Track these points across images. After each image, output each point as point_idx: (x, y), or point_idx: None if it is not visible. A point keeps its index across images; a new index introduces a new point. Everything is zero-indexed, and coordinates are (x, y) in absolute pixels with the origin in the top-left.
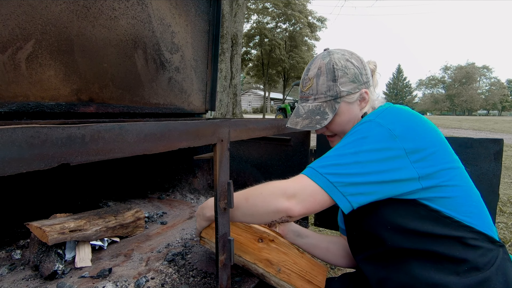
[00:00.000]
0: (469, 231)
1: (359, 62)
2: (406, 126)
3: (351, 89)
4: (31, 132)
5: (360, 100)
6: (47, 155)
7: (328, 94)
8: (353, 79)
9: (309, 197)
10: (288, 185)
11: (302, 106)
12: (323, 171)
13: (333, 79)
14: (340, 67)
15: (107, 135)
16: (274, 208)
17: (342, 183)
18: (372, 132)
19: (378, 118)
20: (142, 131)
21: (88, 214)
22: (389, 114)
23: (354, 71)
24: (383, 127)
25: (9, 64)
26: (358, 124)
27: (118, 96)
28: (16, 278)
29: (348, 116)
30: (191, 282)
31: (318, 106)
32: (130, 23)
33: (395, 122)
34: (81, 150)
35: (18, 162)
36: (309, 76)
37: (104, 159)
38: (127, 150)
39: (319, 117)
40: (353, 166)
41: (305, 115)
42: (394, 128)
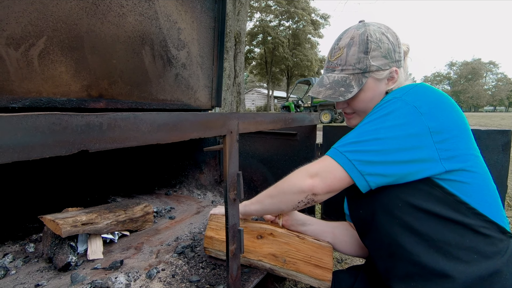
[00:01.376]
0: (482, 220)
1: (394, 38)
2: (434, 104)
3: (382, 65)
4: (53, 119)
5: (389, 79)
6: (68, 141)
7: (357, 66)
8: (385, 55)
9: (330, 174)
10: (311, 165)
11: (327, 76)
12: (343, 149)
13: (365, 51)
14: (374, 39)
15: (123, 124)
16: (299, 188)
17: (361, 161)
18: (396, 108)
19: (404, 96)
20: (155, 121)
21: (99, 208)
22: (416, 92)
23: (388, 46)
24: (408, 104)
25: (22, 60)
26: (383, 101)
27: (126, 92)
28: (31, 270)
29: (373, 94)
30: (201, 273)
31: (344, 78)
32: (138, 20)
33: (422, 99)
34: (99, 138)
35: (42, 148)
36: (339, 45)
37: (120, 147)
38: (141, 139)
39: (343, 89)
40: (373, 143)
41: (329, 85)
42: (421, 105)
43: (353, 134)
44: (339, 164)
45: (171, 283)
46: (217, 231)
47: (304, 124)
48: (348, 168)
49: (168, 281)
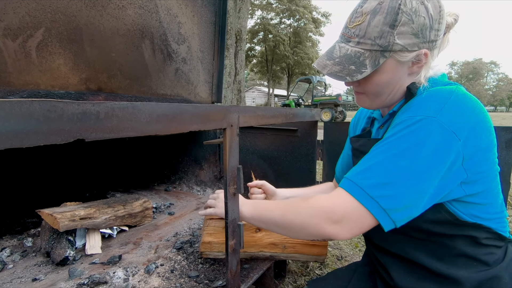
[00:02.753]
0: (485, 231)
1: (436, 9)
2: (473, 126)
3: (409, 45)
4: (48, 106)
5: (414, 63)
6: (63, 130)
7: (376, 42)
8: (417, 32)
9: (357, 223)
10: (333, 206)
11: (339, 47)
12: (374, 193)
13: (391, 23)
14: (408, 9)
15: (120, 113)
16: (316, 232)
17: (395, 209)
18: (432, 135)
19: (440, 115)
20: (154, 112)
21: (98, 203)
22: (455, 108)
23: (424, 21)
24: (445, 129)
25: (20, 52)
26: (411, 115)
27: (126, 86)
28: (28, 264)
29: (390, 78)
30: (200, 269)
31: (359, 54)
32: (138, 13)
33: (462, 120)
34: (95, 127)
35: (36, 135)
36: (363, 9)
37: (117, 137)
38: (140, 129)
39: (353, 68)
40: (408, 185)
41: (338, 59)
42: (459, 129)
43: (382, 168)
44: (370, 212)
45: (170, 278)
46: (215, 235)
47: (305, 119)
48: (381, 217)
49: (167, 276)
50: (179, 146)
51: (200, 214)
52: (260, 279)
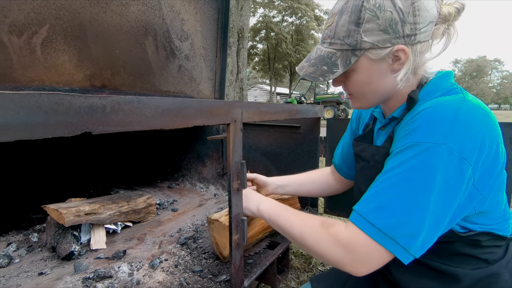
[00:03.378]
0: (487, 235)
1: (407, 2)
2: (480, 147)
3: (378, 42)
4: (55, 99)
5: (393, 60)
6: (70, 122)
7: (345, 41)
8: (384, 28)
9: (377, 260)
10: (353, 247)
11: (316, 49)
12: (393, 234)
13: (356, 21)
14: (371, 6)
15: (126, 107)
16: (335, 264)
17: (415, 246)
18: (445, 166)
19: (450, 141)
20: (159, 106)
21: (102, 199)
22: (464, 132)
23: (391, 15)
24: (456, 156)
25: (25, 48)
26: (418, 141)
27: (129, 82)
28: (34, 258)
29: (369, 77)
30: (204, 264)
31: (330, 54)
32: (141, 10)
33: (471, 143)
34: (102, 120)
35: (44, 128)
36: (333, 10)
37: (123, 130)
38: (145, 123)
39: (326, 68)
40: (426, 219)
41: (313, 61)
42: (470, 154)
43: (397, 205)
44: (390, 252)
45: (174, 273)
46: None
47: (308, 116)
48: (401, 254)
49: (171, 271)
50: (182, 143)
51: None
52: (263, 274)
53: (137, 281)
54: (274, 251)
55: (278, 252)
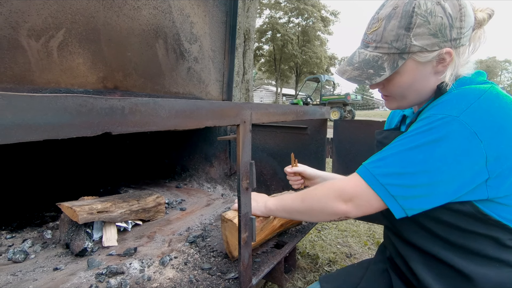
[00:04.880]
0: (510, 233)
1: (455, 8)
2: (498, 127)
3: (427, 45)
4: (80, 101)
5: (438, 62)
6: (93, 123)
7: (393, 45)
8: (435, 32)
9: (366, 203)
10: (344, 187)
11: (359, 53)
12: (384, 180)
13: (406, 26)
14: (422, 11)
15: (143, 109)
16: (331, 211)
17: (404, 196)
18: (451, 134)
19: (463, 115)
20: (173, 107)
21: (113, 198)
22: (480, 109)
23: (442, 21)
24: (466, 129)
25: (43, 51)
26: (434, 113)
27: (140, 84)
28: (49, 254)
29: (413, 79)
30: (212, 262)
31: (376, 58)
32: (152, 13)
33: (485, 120)
34: (121, 121)
35: (69, 128)
36: (379, 15)
37: (140, 131)
38: (160, 124)
39: (372, 71)
40: (420, 176)
41: (357, 64)
42: (482, 130)
43: (395, 159)
44: (379, 196)
45: (184, 270)
46: None
47: (315, 117)
48: (389, 202)
49: (181, 268)
50: (190, 144)
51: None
52: (271, 273)
53: (148, 277)
54: (281, 251)
55: (285, 251)
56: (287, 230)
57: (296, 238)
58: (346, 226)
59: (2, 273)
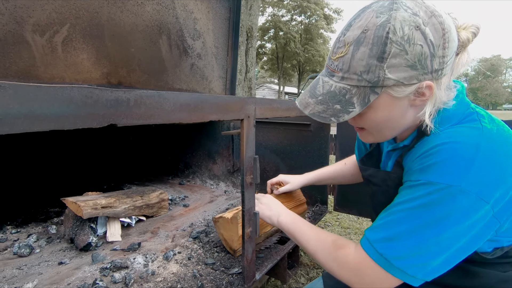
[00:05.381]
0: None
1: (438, 33)
2: (503, 178)
3: (404, 79)
4: (85, 92)
5: (416, 96)
6: (98, 114)
7: (364, 77)
8: (413, 63)
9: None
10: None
11: (323, 82)
12: (400, 264)
13: (379, 56)
14: (398, 38)
15: (148, 101)
16: (345, 282)
17: (424, 273)
18: (460, 208)
19: (465, 182)
20: (178, 101)
21: (117, 194)
22: (482, 171)
23: (422, 50)
24: (471, 197)
25: (47, 47)
26: (432, 180)
27: (144, 80)
28: (54, 249)
29: (388, 114)
30: (216, 257)
31: (344, 91)
32: (155, 9)
33: (490, 183)
34: (126, 113)
35: (75, 119)
36: (345, 38)
37: (145, 123)
38: (165, 117)
39: (339, 107)
40: (436, 254)
41: (321, 97)
42: (488, 193)
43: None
44: (399, 279)
45: (187, 265)
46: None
47: None
48: (411, 280)
49: (184, 263)
50: (193, 141)
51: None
52: (274, 269)
53: (152, 272)
54: (284, 246)
55: (288, 247)
56: None
57: None
58: (349, 223)
59: (8, 267)
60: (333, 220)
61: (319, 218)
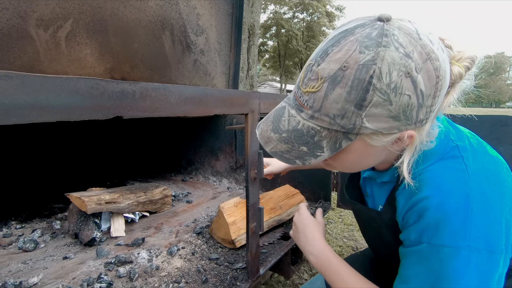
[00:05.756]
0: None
1: (431, 81)
2: (507, 222)
3: (384, 129)
4: (91, 83)
5: (394, 143)
6: (104, 106)
7: (337, 121)
8: (396, 115)
9: None
10: None
11: (289, 115)
12: None
13: (358, 103)
14: (383, 86)
15: (153, 94)
16: None
17: None
18: (474, 267)
19: (472, 240)
20: (183, 94)
21: (121, 189)
22: (483, 221)
23: (409, 101)
24: (482, 252)
25: (51, 42)
26: (434, 242)
27: (147, 76)
28: (58, 244)
29: (361, 157)
30: (220, 252)
31: (313, 132)
32: (158, 4)
33: (495, 229)
34: (132, 105)
35: (81, 110)
36: (319, 70)
37: (151, 116)
38: (170, 110)
39: (305, 149)
40: None
41: (285, 134)
42: (497, 241)
43: None
44: None
45: (191, 260)
46: (233, 214)
47: None
48: None
49: (188, 258)
50: (196, 138)
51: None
52: (278, 265)
53: (157, 267)
54: (288, 242)
55: (292, 243)
56: None
57: None
58: (352, 220)
59: (13, 261)
60: (335, 216)
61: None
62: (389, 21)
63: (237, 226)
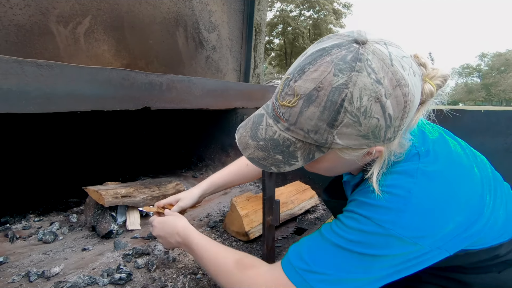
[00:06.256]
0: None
1: (400, 106)
2: (444, 221)
3: (354, 145)
4: (123, 74)
5: (364, 156)
6: (134, 97)
7: (311, 136)
8: (365, 134)
9: None
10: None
11: (266, 124)
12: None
13: (330, 122)
14: (354, 109)
15: (179, 86)
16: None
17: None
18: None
19: (399, 227)
20: (205, 86)
21: (135, 184)
22: (416, 213)
23: (377, 123)
24: (405, 241)
25: (71, 38)
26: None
27: (161, 72)
28: (76, 236)
29: (333, 165)
30: (234, 246)
31: (288, 142)
32: (173, 1)
33: (426, 221)
34: (159, 97)
35: (113, 100)
36: (296, 87)
37: (176, 107)
38: (194, 102)
39: (280, 158)
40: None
41: (263, 143)
42: (423, 233)
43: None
44: None
45: None
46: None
47: None
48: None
49: None
50: (206, 134)
51: None
52: None
53: (173, 259)
54: (301, 237)
55: None
56: (306, 217)
57: (315, 226)
58: None
59: (34, 252)
60: None
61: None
62: (365, 44)
63: (250, 219)
